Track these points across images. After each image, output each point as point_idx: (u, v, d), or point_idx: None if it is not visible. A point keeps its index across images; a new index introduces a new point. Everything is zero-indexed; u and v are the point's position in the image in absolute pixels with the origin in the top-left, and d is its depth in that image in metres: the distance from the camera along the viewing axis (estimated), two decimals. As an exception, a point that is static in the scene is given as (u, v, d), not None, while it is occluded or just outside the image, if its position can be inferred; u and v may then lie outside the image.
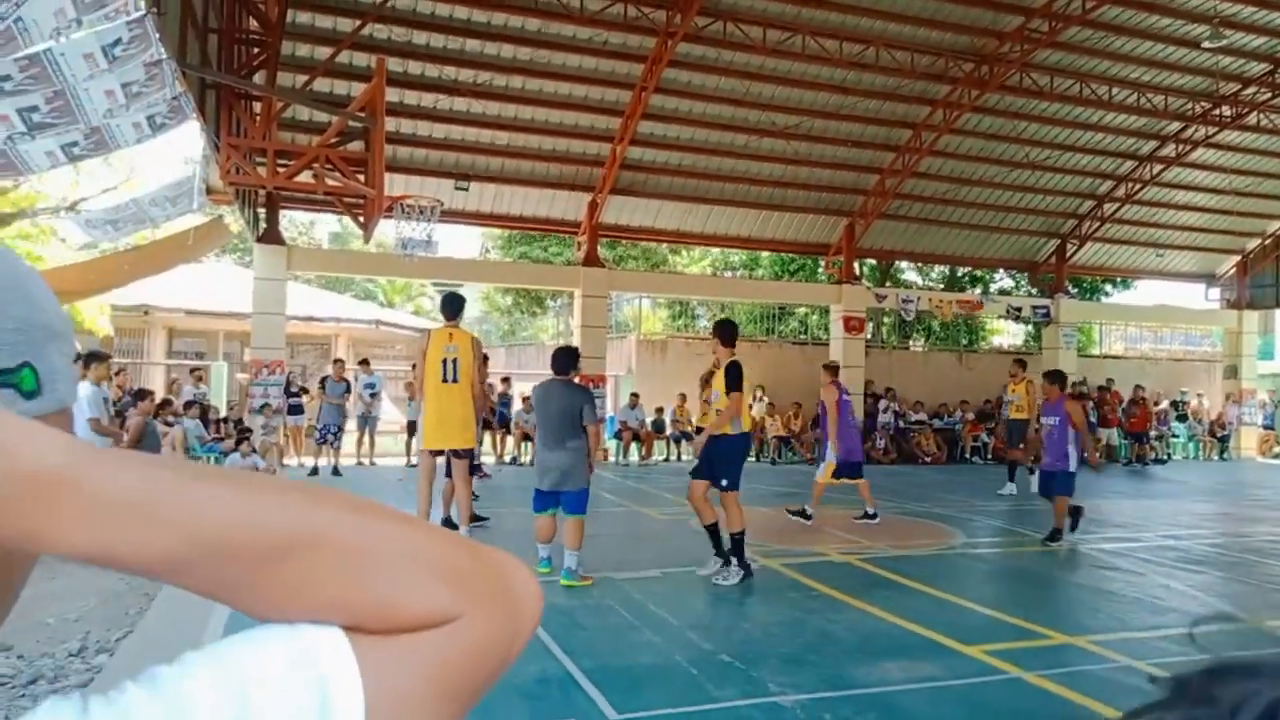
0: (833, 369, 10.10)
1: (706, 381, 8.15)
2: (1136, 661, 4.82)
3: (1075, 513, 8.62)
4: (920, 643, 5.31)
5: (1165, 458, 19.33)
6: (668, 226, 17.60)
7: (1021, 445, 12.19)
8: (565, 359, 6.83)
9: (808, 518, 9.32)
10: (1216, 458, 20.46)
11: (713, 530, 6.83)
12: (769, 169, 16.81)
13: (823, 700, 4.31)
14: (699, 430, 9.71)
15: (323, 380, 13.96)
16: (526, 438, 14.50)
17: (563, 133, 15.33)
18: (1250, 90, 16.54)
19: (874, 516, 9.43)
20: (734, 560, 6.70)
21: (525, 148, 15.41)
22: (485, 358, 9.61)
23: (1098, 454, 11.46)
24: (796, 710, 4.19)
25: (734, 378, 6.71)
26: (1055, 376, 9.04)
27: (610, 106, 14.95)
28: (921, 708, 4.24)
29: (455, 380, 7.21)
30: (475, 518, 8.14)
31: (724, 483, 6.74)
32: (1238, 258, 21.55)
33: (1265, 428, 21.53)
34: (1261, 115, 16.98)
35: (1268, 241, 21.15)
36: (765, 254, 24.09)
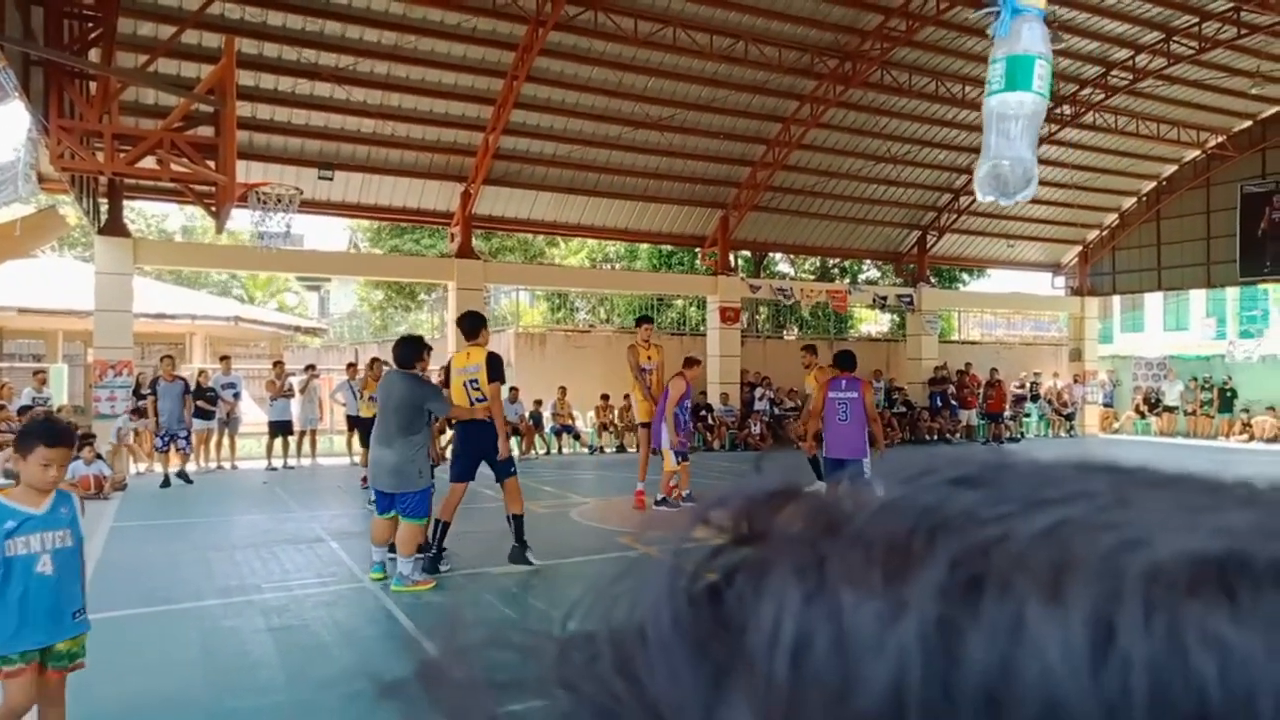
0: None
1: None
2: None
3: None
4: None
5: (1019, 436, 20.55)
6: (544, 218, 17.38)
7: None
8: (406, 350, 6.43)
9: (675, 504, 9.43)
10: (1065, 434, 21.92)
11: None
12: (644, 160, 16.84)
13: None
14: (645, 425, 9.73)
15: (153, 382, 12.40)
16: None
17: (432, 121, 14.88)
18: (1086, 91, 17.72)
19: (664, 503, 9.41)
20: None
21: (393, 136, 14.87)
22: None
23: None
24: (675, 695, 4.16)
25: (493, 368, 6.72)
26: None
27: (481, 94, 14.61)
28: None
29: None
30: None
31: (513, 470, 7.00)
32: (1079, 248, 23.13)
33: (1105, 405, 23.22)
34: (1097, 115, 18.23)
35: (1105, 233, 22.79)
36: (643, 246, 24.19)
